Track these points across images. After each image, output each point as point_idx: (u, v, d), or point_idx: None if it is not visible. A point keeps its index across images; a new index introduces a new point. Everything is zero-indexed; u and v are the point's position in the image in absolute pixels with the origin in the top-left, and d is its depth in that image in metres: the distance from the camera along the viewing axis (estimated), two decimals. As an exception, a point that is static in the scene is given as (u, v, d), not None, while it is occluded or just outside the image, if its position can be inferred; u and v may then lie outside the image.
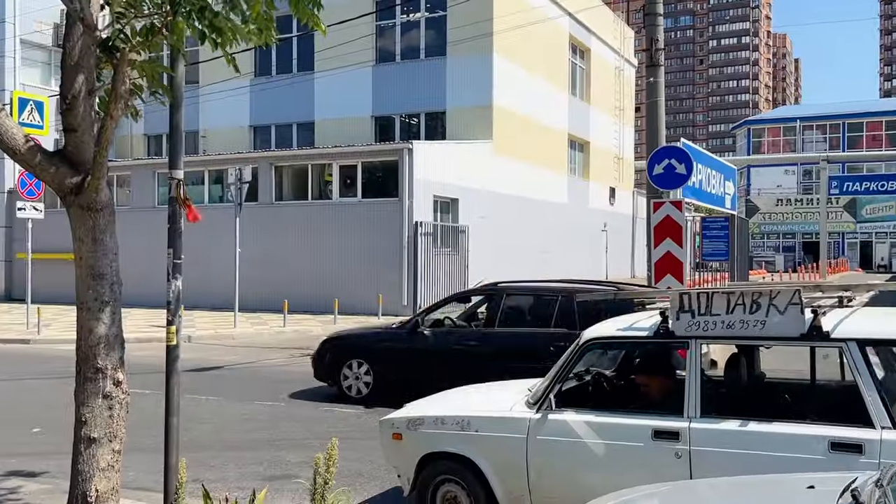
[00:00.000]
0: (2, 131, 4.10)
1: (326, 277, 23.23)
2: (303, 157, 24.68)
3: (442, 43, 27.09)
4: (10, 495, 6.35)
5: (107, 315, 4.38)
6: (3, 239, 28.75)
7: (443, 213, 24.45)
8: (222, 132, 30.40)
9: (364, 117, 28.46)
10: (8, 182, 28.17)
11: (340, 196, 23.94)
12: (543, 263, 29.39)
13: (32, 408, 10.49)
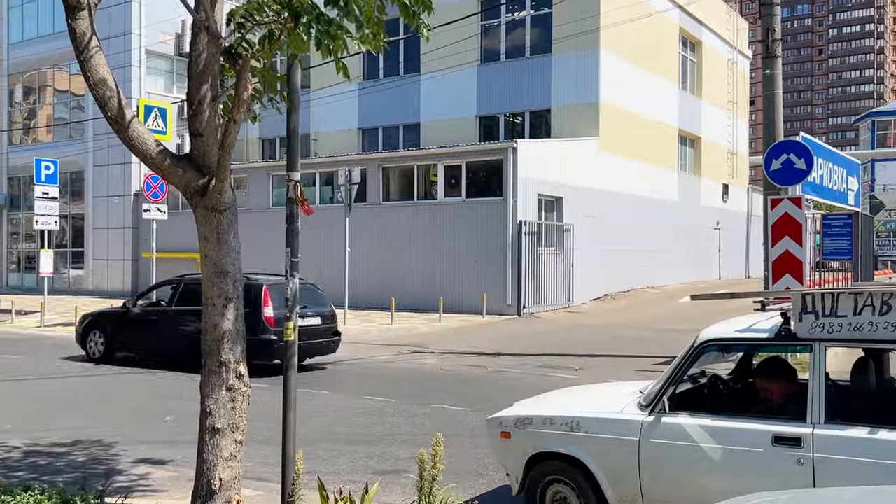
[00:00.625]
0: (135, 137, 4.36)
1: (431, 276, 23.49)
2: (409, 157, 25.04)
3: (547, 40, 26.89)
4: (140, 481, 6.73)
5: (230, 311, 4.58)
6: (129, 239, 30.52)
7: (547, 211, 24.26)
8: (332, 135, 31.23)
9: (469, 117, 28.59)
10: (134, 185, 29.89)
11: (445, 196, 24.14)
12: (652, 262, 28.72)
13: (158, 399, 11.08)
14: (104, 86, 4.24)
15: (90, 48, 4.21)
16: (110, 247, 31.17)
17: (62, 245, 32.35)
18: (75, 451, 7.82)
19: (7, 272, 34.96)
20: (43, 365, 14.36)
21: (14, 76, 34.55)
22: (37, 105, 34.81)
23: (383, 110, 30.27)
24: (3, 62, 34.58)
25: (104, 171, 31.15)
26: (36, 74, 34.00)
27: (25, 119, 35.20)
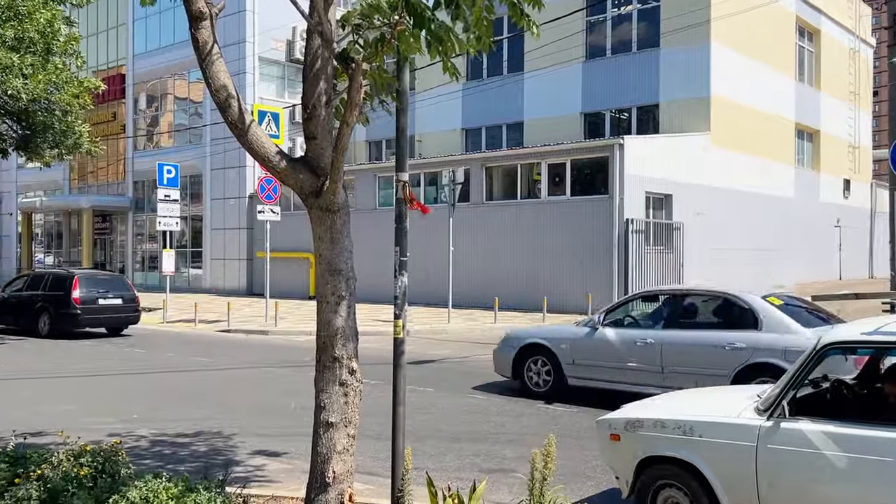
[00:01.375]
0: (254, 141, 4.54)
1: (535, 276, 23.37)
2: (512, 157, 24.99)
3: (655, 34, 26.26)
4: (257, 472, 7.00)
5: (343, 308, 4.70)
6: (244, 239, 31.79)
7: (655, 209, 23.70)
8: (436, 136, 31.54)
9: (573, 115, 28.27)
10: (249, 188, 31.11)
11: (549, 194, 23.96)
12: (767, 262, 27.58)
13: (272, 393, 11.49)
14: (224, 92, 4.43)
15: (212, 56, 4.40)
16: (227, 247, 32.57)
17: (182, 245, 34.04)
18: (197, 442, 8.21)
19: (133, 271, 37.08)
20: (165, 359, 15.15)
21: (139, 85, 36.59)
22: (159, 112, 36.75)
23: (486, 110, 30.33)
24: (129, 72, 36.68)
25: (221, 174, 32.57)
26: (158, 83, 35.89)
27: (149, 126, 37.23)
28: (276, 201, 21.63)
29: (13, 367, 13.95)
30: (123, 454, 5.34)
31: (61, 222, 41.49)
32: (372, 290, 22.65)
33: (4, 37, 14.38)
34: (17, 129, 17.43)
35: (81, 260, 37.88)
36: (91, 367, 14.12)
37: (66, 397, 11.18)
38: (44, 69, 15.07)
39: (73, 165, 39.16)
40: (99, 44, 37.90)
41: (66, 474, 4.97)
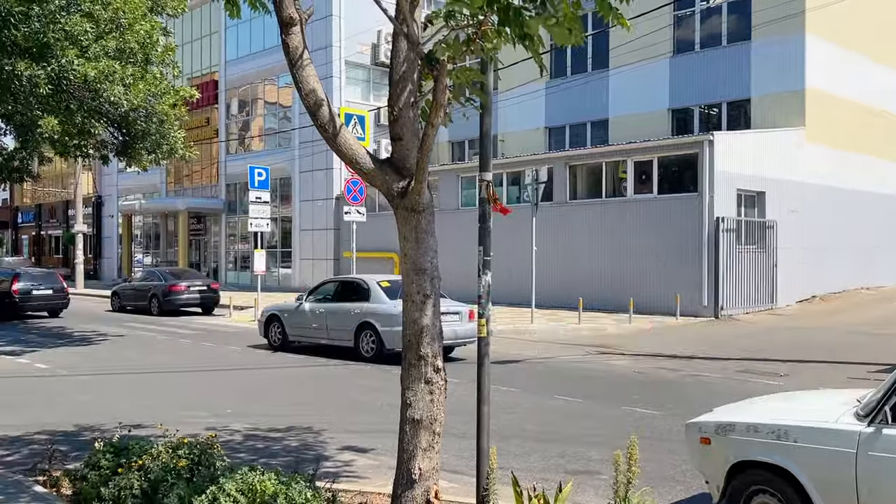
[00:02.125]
0: (342, 144, 4.65)
1: (621, 276, 22.99)
2: (597, 155, 24.66)
3: (746, 27, 25.43)
4: (345, 468, 7.15)
5: (428, 307, 4.75)
6: (332, 239, 32.46)
7: (747, 207, 22.96)
8: (518, 135, 31.41)
9: (660, 111, 27.67)
10: (335, 190, 31.74)
11: (635, 193, 23.53)
12: (868, 261, 26.35)
13: (359, 390, 11.70)
14: (314, 96, 4.55)
15: (302, 61, 4.53)
16: (315, 247, 33.33)
17: (272, 245, 35.01)
18: (289, 437, 8.45)
19: (225, 271, 38.37)
20: (257, 356, 15.62)
21: (230, 91, 37.83)
22: (249, 117, 37.91)
23: (570, 108, 30.02)
24: (221, 78, 37.97)
25: (309, 176, 33.35)
26: (249, 88, 37.02)
27: (240, 130, 38.45)
28: (362, 202, 21.99)
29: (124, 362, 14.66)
30: (219, 447, 5.55)
31: (159, 224, 43.31)
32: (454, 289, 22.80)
33: (107, 48, 15.09)
34: (117, 136, 18.27)
35: (178, 260, 39.43)
36: (188, 362, 14.69)
37: (165, 391, 11.68)
38: (143, 79, 15.73)
39: (169, 169, 40.82)
40: (193, 51, 39.37)
41: (165, 465, 5.20)
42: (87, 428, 8.84)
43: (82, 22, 14.67)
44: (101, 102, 15.60)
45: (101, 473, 5.54)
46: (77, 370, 13.68)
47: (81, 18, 14.74)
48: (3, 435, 8.53)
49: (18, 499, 5.98)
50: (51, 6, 14.60)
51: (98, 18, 15.10)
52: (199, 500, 4.51)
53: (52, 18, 14.47)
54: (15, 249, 55.34)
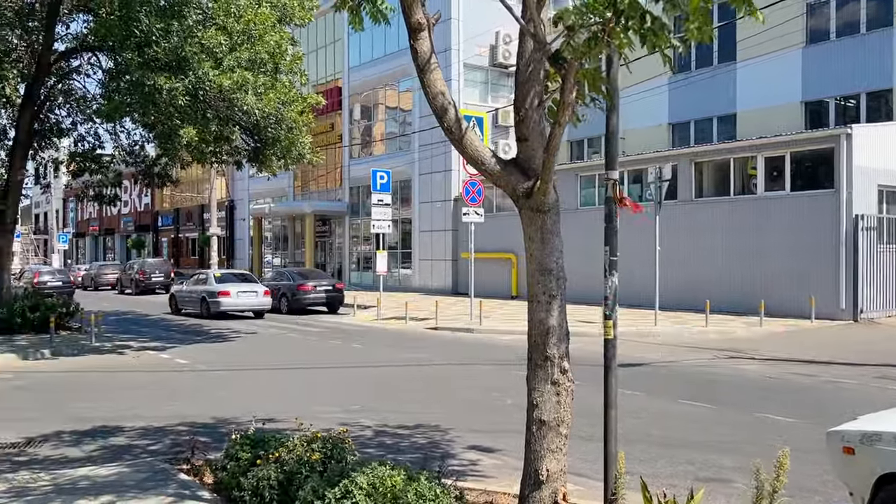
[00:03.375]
0: (468, 145, 4.69)
1: (749, 276, 22.05)
2: (724, 151, 23.75)
3: (887, 12, 23.84)
4: (471, 466, 7.21)
5: (554, 308, 4.73)
6: (450, 240, 32.80)
7: (890, 204, 21.52)
8: (640, 132, 30.70)
9: (792, 104, 26.36)
10: (453, 191, 32.05)
11: (765, 190, 22.51)
12: None
13: (482, 389, 11.76)
14: (441, 99, 4.62)
15: (430, 65, 4.61)
16: (433, 248, 33.78)
17: (393, 247, 35.74)
18: (416, 434, 8.61)
19: (349, 271, 39.50)
20: (380, 353, 15.99)
21: (353, 96, 38.91)
22: (371, 121, 38.86)
23: (695, 103, 29.08)
24: (345, 85, 39.11)
25: (428, 178, 33.84)
26: (371, 93, 37.96)
27: (363, 135, 39.48)
28: (480, 203, 22.11)
29: (256, 358, 15.38)
30: (350, 442, 5.72)
31: (287, 226, 45.08)
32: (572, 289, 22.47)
33: (240, 59, 15.87)
34: (250, 143, 19.18)
35: (304, 261, 40.93)
36: (316, 359, 15.22)
37: (295, 387, 12.15)
38: (273, 87, 16.46)
39: (296, 174, 42.42)
40: (318, 59, 40.74)
41: (299, 458, 5.41)
42: (224, 420, 9.31)
43: (217, 35, 15.49)
44: (234, 111, 16.42)
45: (239, 464, 5.83)
46: (214, 365, 14.44)
47: (216, 32, 15.56)
48: (149, 425, 9.12)
49: (167, 485, 6.39)
50: (188, 21, 15.49)
51: (231, 31, 15.90)
52: (331, 492, 4.67)
53: (189, 33, 15.35)
54: (155, 251, 58.99)
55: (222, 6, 15.77)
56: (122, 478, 6.68)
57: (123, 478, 6.68)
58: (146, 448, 8.09)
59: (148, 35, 15.10)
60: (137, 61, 15.25)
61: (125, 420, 9.39)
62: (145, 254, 56.89)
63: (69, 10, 19.23)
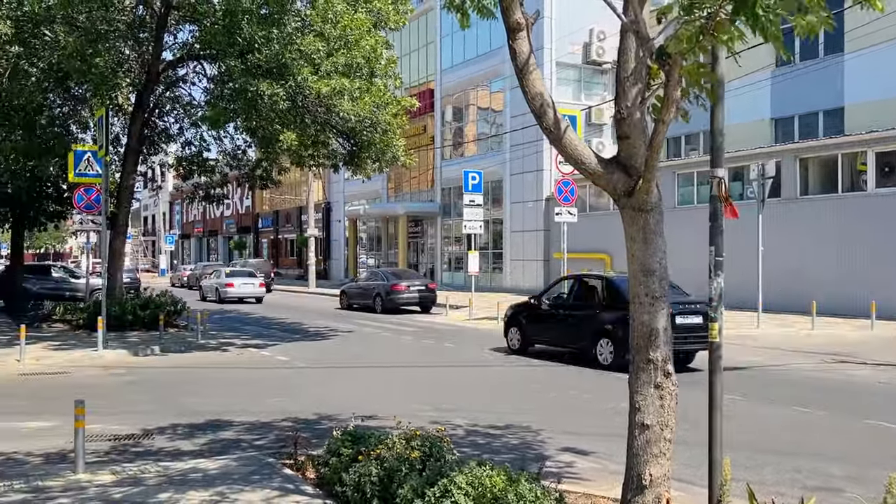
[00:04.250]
0: (567, 145, 4.65)
1: (859, 277, 21.00)
2: (831, 146, 22.71)
3: None
4: (567, 469, 7.15)
5: (657, 309, 4.63)
6: (542, 240, 32.59)
7: None
8: (740, 127, 29.61)
9: (906, 95, 24.94)
10: (545, 191, 31.84)
11: (876, 186, 21.39)
12: None
13: (573, 391, 11.64)
14: (540, 99, 4.60)
15: (528, 65, 4.59)
16: (525, 248, 33.65)
17: (484, 247, 35.80)
18: (508, 434, 8.60)
19: (441, 271, 39.80)
20: (472, 353, 16.04)
21: (445, 98, 39.19)
22: (462, 123, 39.04)
23: (799, 96, 27.88)
24: (437, 87, 39.44)
25: (519, 178, 33.73)
26: (462, 95, 38.14)
27: (454, 136, 39.71)
28: (573, 203, 21.89)
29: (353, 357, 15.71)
30: (448, 441, 5.76)
31: (380, 227, 45.82)
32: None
33: (337, 64, 16.25)
34: (346, 146, 19.61)
35: (397, 261, 41.50)
36: (409, 358, 15.41)
37: (389, 385, 12.34)
38: (368, 92, 16.78)
39: (390, 176, 43.05)
40: (411, 62, 41.22)
41: (399, 456, 5.49)
42: (324, 417, 9.54)
43: (315, 42, 15.90)
44: (331, 116, 16.82)
45: (341, 460, 5.96)
46: (312, 363, 14.82)
47: (314, 39, 15.98)
48: (255, 420, 9.44)
49: (272, 479, 6.60)
50: (288, 28, 15.96)
51: (328, 37, 16.29)
52: (431, 491, 4.72)
53: (289, 40, 15.81)
54: (256, 252, 60.99)
55: (320, 13, 16.17)
56: (229, 470, 6.95)
57: (231, 471, 6.94)
58: (252, 442, 8.38)
59: (250, 42, 15.65)
60: (240, 68, 15.83)
61: (232, 415, 9.75)
62: (246, 254, 58.87)
63: (176, 21, 20.13)
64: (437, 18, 38.63)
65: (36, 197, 24.62)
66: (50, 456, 7.79)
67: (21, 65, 17.05)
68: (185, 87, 22.48)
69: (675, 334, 7.99)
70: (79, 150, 17.38)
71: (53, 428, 9.00)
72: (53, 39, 16.21)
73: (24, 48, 16.59)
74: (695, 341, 12.56)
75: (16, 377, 13.08)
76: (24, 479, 6.70)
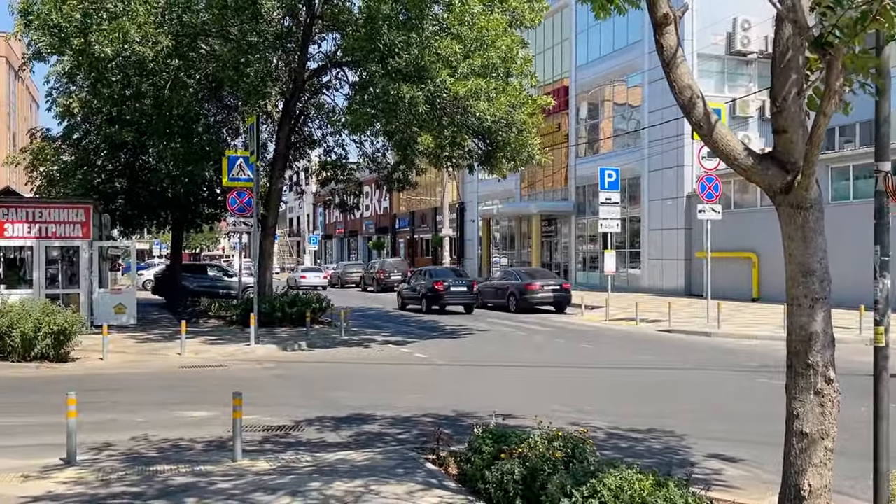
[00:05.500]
0: (718, 140, 4.49)
1: None
2: None
3: None
4: (715, 476, 6.89)
5: (818, 312, 4.39)
6: (682, 239, 31.52)
7: None
8: (902, 117, 27.58)
9: None
10: (686, 188, 30.79)
11: None
12: None
13: (719, 396, 11.20)
14: (689, 92, 4.46)
15: (676, 59, 4.47)
16: (664, 247, 32.67)
17: (620, 246, 35.04)
18: (651, 439, 8.39)
19: (575, 271, 39.33)
20: (610, 355, 15.76)
21: (580, 95, 38.69)
22: (597, 119, 38.40)
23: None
24: (572, 84, 39.01)
25: (658, 175, 32.79)
26: (597, 91, 37.52)
27: (589, 133, 39.14)
28: (717, 200, 21.04)
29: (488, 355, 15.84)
30: (591, 443, 5.70)
31: (513, 226, 45.81)
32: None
33: (473, 65, 16.42)
34: (481, 147, 19.76)
35: (530, 260, 41.36)
36: (544, 358, 15.34)
37: (526, 384, 12.34)
38: (504, 91, 16.84)
39: (523, 175, 42.96)
40: (545, 60, 40.97)
41: (542, 455, 5.48)
42: (462, 414, 9.67)
43: (452, 44, 16.12)
44: (468, 117, 17.00)
45: (483, 458, 6.02)
46: (450, 360, 15.05)
47: (451, 41, 16.20)
48: (397, 415, 9.71)
49: (415, 473, 6.77)
50: (426, 32, 16.28)
51: (465, 39, 16.48)
52: (578, 491, 4.68)
53: (427, 43, 16.12)
54: (393, 251, 62.56)
55: (457, 16, 16.39)
56: (374, 463, 7.18)
57: (376, 463, 7.17)
58: (395, 437, 8.62)
59: (390, 48, 16.08)
60: (381, 73, 16.29)
61: (375, 409, 10.07)
62: (384, 254, 60.48)
63: (320, 30, 20.97)
64: (572, 15, 38.20)
65: (193, 200, 26.35)
66: (210, 443, 8.33)
67: (180, 77, 18.29)
68: (328, 94, 23.39)
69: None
70: (232, 155, 18.46)
71: (212, 418, 9.61)
72: (209, 52, 17.28)
73: (184, 61, 17.77)
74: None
75: (177, 370, 14.06)
76: (188, 464, 7.20)
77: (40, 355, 14.01)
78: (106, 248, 23.05)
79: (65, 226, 18.84)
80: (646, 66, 32.53)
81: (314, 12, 19.26)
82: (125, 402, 10.69)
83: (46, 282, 18.93)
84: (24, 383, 12.44)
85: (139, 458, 7.55)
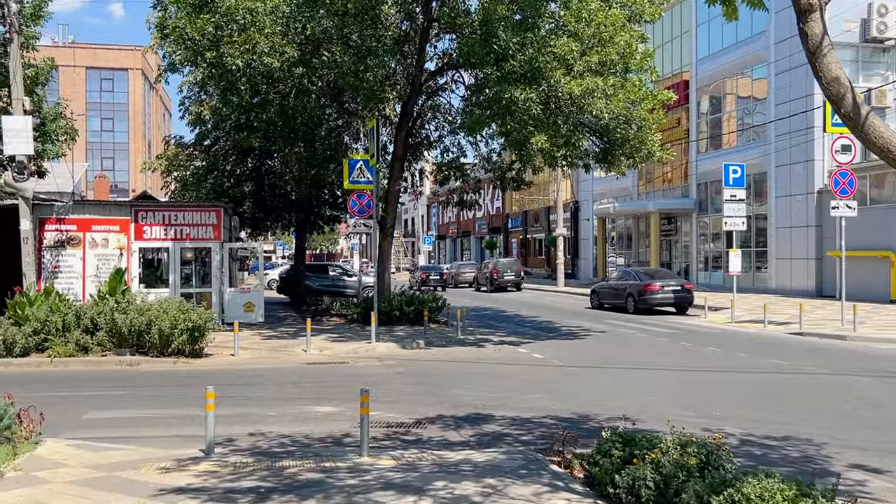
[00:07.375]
0: (870, 132, 4.23)
1: None
2: None
3: None
4: (858, 487, 6.50)
5: None
6: (813, 237, 29.93)
7: None
8: None
9: None
10: (817, 183, 29.22)
11: None
12: None
13: (857, 403, 10.56)
14: (837, 83, 4.22)
15: (822, 49, 4.24)
16: (793, 245, 31.12)
17: (745, 244, 33.63)
18: (787, 447, 8.00)
19: (696, 271, 38.05)
20: (739, 359, 15.13)
21: (701, 89, 37.40)
22: (720, 114, 37.00)
23: None
24: (692, 77, 37.77)
25: (786, 170, 31.28)
26: (719, 84, 36.17)
27: (710, 128, 37.77)
28: (852, 196, 19.85)
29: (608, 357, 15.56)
30: (727, 450, 5.49)
31: (630, 225, 44.82)
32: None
33: (590, 62, 16.14)
34: (598, 145, 19.42)
35: (649, 260, 40.34)
36: (668, 361, 14.90)
37: (649, 388, 12.02)
38: (622, 88, 16.47)
39: (640, 172, 41.94)
40: (664, 53, 39.82)
41: (676, 461, 5.32)
42: (583, 416, 9.54)
43: (568, 42, 15.91)
44: (584, 115, 16.75)
45: (612, 461, 5.91)
46: (568, 361, 14.87)
47: (568, 39, 16.00)
48: (517, 416, 9.68)
49: (540, 475, 6.72)
50: (542, 32, 16.15)
51: (582, 36, 16.23)
52: (716, 499, 4.52)
53: (543, 43, 15.98)
54: (506, 251, 62.50)
55: (573, 13, 16.17)
56: (498, 463, 7.18)
57: (500, 464, 7.17)
58: (517, 437, 8.60)
59: (505, 49, 16.05)
60: (496, 75, 16.28)
61: (495, 409, 10.08)
62: (497, 254, 60.51)
63: (437, 33, 21.20)
64: (692, 6, 36.98)
65: (316, 203, 27.22)
66: (335, 439, 8.56)
67: (304, 84, 18.91)
68: (444, 96, 23.60)
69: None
70: (352, 158, 18.94)
71: (338, 413, 9.88)
72: (331, 59, 17.76)
73: (307, 69, 18.36)
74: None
75: (303, 366, 14.55)
76: (315, 459, 7.41)
77: (177, 351, 14.83)
78: (235, 250, 24.16)
79: (198, 228, 19.90)
80: (772, 58, 31.12)
81: (431, 16, 19.47)
82: (256, 397, 11.15)
83: (181, 281, 20.03)
84: (162, 377, 13.20)
85: (268, 453, 7.84)
